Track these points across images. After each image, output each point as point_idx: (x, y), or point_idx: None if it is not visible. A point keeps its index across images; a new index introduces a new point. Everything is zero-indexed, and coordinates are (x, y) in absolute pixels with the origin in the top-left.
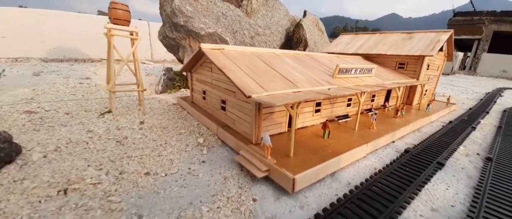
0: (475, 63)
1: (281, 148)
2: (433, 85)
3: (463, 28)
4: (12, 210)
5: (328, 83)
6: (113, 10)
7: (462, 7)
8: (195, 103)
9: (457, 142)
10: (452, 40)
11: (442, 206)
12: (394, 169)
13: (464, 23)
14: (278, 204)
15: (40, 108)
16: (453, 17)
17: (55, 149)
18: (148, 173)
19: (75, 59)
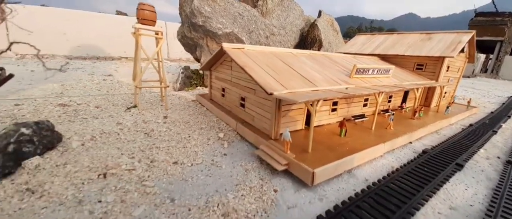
0: (497, 65)
1: (299, 144)
2: (453, 87)
3: (485, 29)
4: (57, 191)
5: (346, 83)
6: (141, 11)
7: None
8: (214, 100)
9: (477, 145)
10: (474, 41)
11: (460, 205)
12: (411, 168)
13: (486, 24)
14: (298, 196)
15: (72, 101)
16: (475, 18)
17: (91, 138)
18: (176, 162)
19: (97, 57)
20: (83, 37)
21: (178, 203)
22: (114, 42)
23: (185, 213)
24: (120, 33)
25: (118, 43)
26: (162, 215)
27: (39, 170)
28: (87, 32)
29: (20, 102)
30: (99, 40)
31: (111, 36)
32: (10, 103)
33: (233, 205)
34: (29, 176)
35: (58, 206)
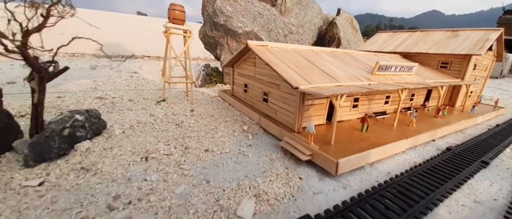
0: None
1: (321, 138)
2: (480, 87)
3: None
4: (108, 170)
5: (368, 80)
6: (172, 10)
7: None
8: (236, 96)
9: (504, 144)
10: (503, 39)
11: (485, 199)
12: (435, 164)
13: None
14: (322, 184)
15: (107, 95)
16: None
17: (129, 127)
18: (207, 150)
19: (122, 56)
20: (109, 37)
21: (213, 184)
22: (137, 41)
23: (220, 193)
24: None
25: (140, 42)
26: (200, 193)
27: (90, 152)
28: (111, 32)
29: (61, 95)
30: (123, 39)
31: (133, 36)
32: (53, 95)
33: (263, 188)
34: (81, 157)
35: (111, 182)
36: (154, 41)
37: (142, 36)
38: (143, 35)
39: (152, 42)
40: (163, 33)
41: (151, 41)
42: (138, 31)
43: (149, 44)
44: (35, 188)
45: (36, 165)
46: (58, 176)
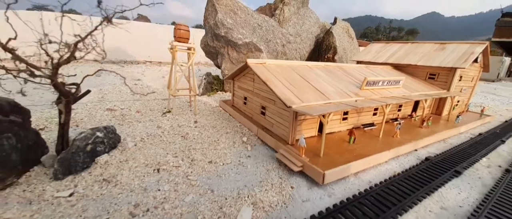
0: None
1: (312, 149)
2: (467, 96)
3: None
4: (126, 181)
5: (356, 95)
6: (177, 30)
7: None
8: (235, 107)
9: (481, 154)
10: (488, 51)
11: (451, 206)
12: (412, 173)
13: None
14: (311, 192)
15: (116, 106)
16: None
17: (140, 140)
18: (211, 162)
19: (124, 61)
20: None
21: (217, 194)
22: (138, 47)
23: (223, 201)
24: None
25: (142, 48)
26: (206, 202)
27: (108, 165)
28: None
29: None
30: (124, 45)
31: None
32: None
33: (259, 197)
34: (101, 170)
35: (129, 192)
36: (155, 46)
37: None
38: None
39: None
40: (169, 49)
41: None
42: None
43: (151, 50)
44: (67, 199)
45: (64, 178)
46: (85, 187)
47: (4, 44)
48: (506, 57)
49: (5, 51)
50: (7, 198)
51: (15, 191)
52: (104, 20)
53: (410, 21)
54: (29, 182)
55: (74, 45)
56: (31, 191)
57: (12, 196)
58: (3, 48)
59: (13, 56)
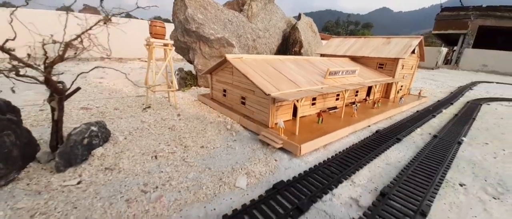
0: (458, 57)
1: (288, 130)
2: (408, 82)
3: (449, 23)
4: (128, 167)
5: (321, 83)
6: (153, 27)
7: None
8: (215, 99)
9: (416, 125)
10: (423, 44)
11: (393, 162)
12: (366, 142)
13: (451, 18)
14: (291, 162)
15: (90, 105)
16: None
17: (129, 134)
18: (202, 146)
19: (78, 58)
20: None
21: (214, 170)
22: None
23: (221, 174)
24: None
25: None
26: (206, 176)
27: (105, 156)
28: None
29: (43, 108)
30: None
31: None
32: (34, 109)
33: (251, 168)
34: (100, 161)
35: (135, 176)
36: (113, 41)
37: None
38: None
39: (116, 43)
40: (145, 45)
41: (115, 42)
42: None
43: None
44: (76, 186)
45: (66, 170)
46: (90, 176)
47: (1, 46)
48: (444, 48)
49: (2, 52)
50: (12, 192)
51: (18, 185)
52: (99, 21)
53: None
54: (29, 177)
55: (66, 44)
56: (36, 184)
57: (17, 190)
58: (0, 49)
59: (10, 56)
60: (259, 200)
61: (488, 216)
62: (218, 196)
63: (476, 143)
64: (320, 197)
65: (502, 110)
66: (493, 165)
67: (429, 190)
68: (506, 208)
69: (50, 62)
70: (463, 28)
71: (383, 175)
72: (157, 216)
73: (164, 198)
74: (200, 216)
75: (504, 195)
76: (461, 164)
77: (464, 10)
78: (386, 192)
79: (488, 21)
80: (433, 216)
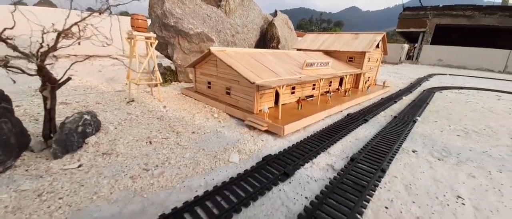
0: (418, 53)
1: (271, 116)
2: (374, 73)
3: (411, 21)
4: (125, 152)
5: (299, 73)
6: (135, 20)
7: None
8: (199, 92)
9: (381, 109)
10: (385, 39)
11: (360, 138)
12: (339, 123)
13: (412, 17)
14: (276, 141)
15: (68, 100)
16: (403, 12)
17: (119, 124)
18: (194, 132)
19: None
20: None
21: (208, 151)
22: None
23: (215, 153)
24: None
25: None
26: (202, 155)
27: (99, 144)
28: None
29: (19, 103)
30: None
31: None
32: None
33: (241, 147)
34: (95, 148)
35: (134, 158)
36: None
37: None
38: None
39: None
40: (126, 39)
41: None
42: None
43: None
44: (78, 169)
45: (63, 156)
46: (89, 160)
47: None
48: (406, 44)
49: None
50: (12, 177)
51: (17, 172)
52: (93, 12)
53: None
54: (26, 164)
55: (58, 34)
56: (35, 170)
57: (17, 176)
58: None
59: (7, 45)
60: (251, 170)
61: (433, 171)
62: (215, 170)
63: (428, 122)
64: (302, 165)
65: (451, 96)
66: (439, 137)
67: (389, 155)
68: (447, 166)
69: (44, 52)
70: (422, 26)
71: (353, 147)
72: (162, 187)
73: (166, 173)
74: (201, 184)
75: (447, 158)
76: (414, 137)
77: (423, 9)
78: (355, 157)
79: (444, 20)
80: (391, 172)
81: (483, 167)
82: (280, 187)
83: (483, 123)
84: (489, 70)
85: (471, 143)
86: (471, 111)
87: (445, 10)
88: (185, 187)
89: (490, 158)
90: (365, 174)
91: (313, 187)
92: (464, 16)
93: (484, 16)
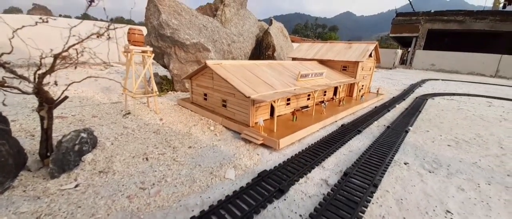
0: (411, 58)
1: (267, 128)
2: (368, 81)
3: (404, 27)
4: (122, 170)
5: (294, 85)
6: (131, 34)
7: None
8: (195, 103)
9: (374, 119)
10: (378, 49)
11: (354, 150)
12: (333, 136)
13: (404, 23)
14: (271, 155)
15: (65, 114)
16: (396, 17)
17: (115, 139)
18: (190, 147)
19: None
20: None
21: (204, 166)
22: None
23: (211, 169)
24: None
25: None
26: (198, 172)
27: (96, 161)
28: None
29: (14, 118)
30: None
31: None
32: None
33: (237, 162)
34: (92, 166)
35: (130, 176)
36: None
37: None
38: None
39: None
40: (123, 53)
41: None
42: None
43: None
44: (74, 189)
45: (60, 176)
46: (86, 179)
47: None
48: (399, 50)
49: None
50: (11, 199)
51: (15, 193)
52: (92, 35)
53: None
54: (24, 185)
55: (55, 57)
56: (33, 190)
57: (15, 197)
58: None
59: (6, 70)
60: (247, 187)
61: (423, 185)
62: (211, 187)
63: (420, 131)
64: (297, 180)
65: (443, 103)
66: (431, 147)
67: (381, 169)
68: (438, 179)
69: (41, 74)
70: (415, 31)
71: (347, 160)
72: (158, 207)
73: (162, 192)
74: (197, 203)
75: (437, 170)
76: (406, 148)
77: (415, 15)
78: (348, 172)
79: (436, 25)
80: (383, 187)
81: (472, 179)
82: (275, 204)
83: (473, 132)
84: (481, 74)
85: (462, 153)
86: (463, 119)
87: (436, 16)
88: (181, 206)
89: (480, 170)
90: (357, 189)
91: (307, 204)
92: (456, 21)
93: (475, 21)
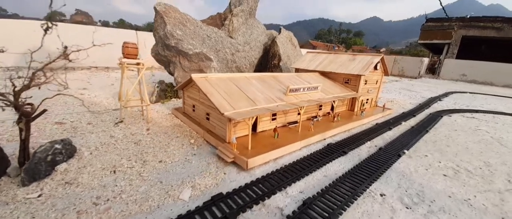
0: (439, 67)
1: (245, 144)
2: (374, 95)
3: (434, 33)
4: (86, 182)
5: (280, 100)
6: (125, 48)
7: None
8: (186, 113)
9: (368, 138)
10: (384, 60)
11: (330, 174)
12: (313, 156)
13: (435, 28)
14: (238, 175)
15: (65, 119)
16: (425, 23)
17: (95, 149)
18: (161, 161)
19: (65, 67)
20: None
21: (165, 183)
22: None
23: (169, 187)
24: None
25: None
26: (156, 190)
27: (68, 171)
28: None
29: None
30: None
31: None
32: (10, 123)
33: (198, 182)
34: (62, 176)
35: (91, 189)
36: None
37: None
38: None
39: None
40: (118, 64)
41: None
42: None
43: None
44: (37, 199)
45: (30, 184)
46: (50, 190)
47: None
48: (425, 58)
49: None
50: None
51: None
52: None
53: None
54: (1, 190)
55: (33, 74)
56: (5, 196)
57: None
58: None
59: None
60: (194, 211)
61: None
62: (161, 208)
63: (416, 155)
64: (251, 207)
65: (460, 122)
66: (421, 176)
67: (348, 200)
68: (414, 216)
69: (18, 91)
70: (447, 38)
71: (316, 186)
72: None
73: (111, 209)
74: None
75: (417, 205)
76: (391, 175)
77: (448, 21)
78: (308, 202)
79: (471, 32)
80: None
81: None
82: None
83: (482, 159)
84: None
85: (456, 186)
86: (476, 143)
87: (472, 22)
88: None
89: (469, 210)
90: None
91: None
92: (493, 28)
93: None
